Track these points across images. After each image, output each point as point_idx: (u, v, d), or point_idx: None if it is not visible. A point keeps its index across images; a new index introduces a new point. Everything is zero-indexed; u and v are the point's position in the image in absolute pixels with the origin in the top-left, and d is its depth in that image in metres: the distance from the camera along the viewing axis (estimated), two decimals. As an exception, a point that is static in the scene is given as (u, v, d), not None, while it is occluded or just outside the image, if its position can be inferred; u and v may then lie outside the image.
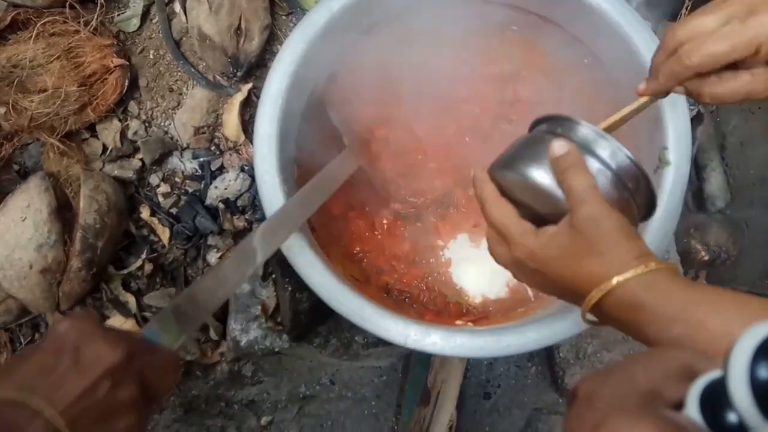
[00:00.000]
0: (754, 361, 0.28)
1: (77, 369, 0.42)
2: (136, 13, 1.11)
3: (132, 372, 0.45)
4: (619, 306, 0.48)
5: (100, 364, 0.43)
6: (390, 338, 0.75)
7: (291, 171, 0.86)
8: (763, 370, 0.28)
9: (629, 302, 0.47)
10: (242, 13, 1.05)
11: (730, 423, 0.30)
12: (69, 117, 1.07)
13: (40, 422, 0.39)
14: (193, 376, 1.16)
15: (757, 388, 0.28)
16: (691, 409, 0.32)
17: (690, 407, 0.32)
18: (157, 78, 1.12)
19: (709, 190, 1.20)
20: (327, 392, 1.21)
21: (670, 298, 0.46)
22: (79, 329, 0.44)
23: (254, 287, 1.07)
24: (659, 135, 0.78)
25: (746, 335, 0.29)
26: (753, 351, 0.28)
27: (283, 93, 0.84)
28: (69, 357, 0.43)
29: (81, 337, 0.44)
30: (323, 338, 1.07)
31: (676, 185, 0.76)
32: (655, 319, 0.46)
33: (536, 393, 1.21)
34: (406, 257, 0.95)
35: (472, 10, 0.97)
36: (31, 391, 0.40)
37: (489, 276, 0.95)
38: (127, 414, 0.44)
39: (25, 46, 1.06)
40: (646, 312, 0.46)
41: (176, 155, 1.12)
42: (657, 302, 0.46)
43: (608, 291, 0.48)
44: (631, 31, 0.83)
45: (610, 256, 0.49)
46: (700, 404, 0.31)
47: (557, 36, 0.95)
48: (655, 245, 0.74)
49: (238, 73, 1.08)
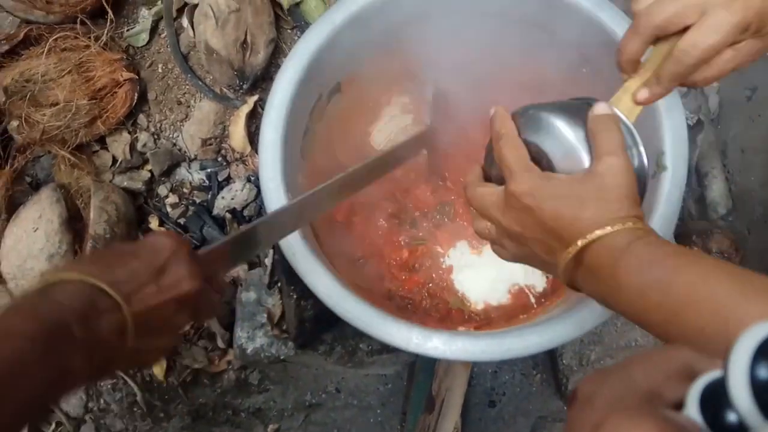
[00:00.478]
0: (754, 361, 0.28)
1: (158, 285, 0.48)
2: (145, 28, 1.14)
3: (195, 302, 0.51)
4: (602, 254, 0.49)
5: (177, 289, 0.49)
6: (393, 342, 0.76)
7: (295, 178, 0.87)
8: (764, 370, 0.28)
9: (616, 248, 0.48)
10: (248, 28, 1.08)
11: (730, 423, 0.29)
12: (80, 130, 1.10)
13: (116, 315, 0.45)
14: (201, 384, 1.17)
15: (757, 388, 0.28)
16: (691, 409, 0.32)
17: (690, 407, 0.32)
18: (166, 91, 1.15)
19: (711, 197, 1.20)
20: (333, 400, 1.22)
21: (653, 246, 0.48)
22: (174, 250, 0.50)
23: (260, 295, 1.08)
24: (656, 140, 0.79)
25: (746, 335, 0.29)
26: (753, 351, 0.28)
27: (288, 102, 0.86)
28: (156, 271, 0.48)
29: (172, 258, 0.49)
30: (328, 346, 1.08)
31: (674, 189, 0.77)
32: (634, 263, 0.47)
33: (541, 401, 1.21)
34: (405, 264, 0.96)
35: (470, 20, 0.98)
36: (119, 288, 0.45)
37: (490, 282, 0.96)
38: (172, 335, 0.52)
39: (38, 61, 1.09)
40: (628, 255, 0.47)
41: (184, 166, 1.14)
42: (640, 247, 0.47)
43: (598, 238, 0.49)
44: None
45: (614, 205, 0.49)
46: (700, 404, 0.31)
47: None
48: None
49: (244, 86, 1.10)
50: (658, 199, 0.77)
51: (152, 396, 1.14)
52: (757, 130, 1.15)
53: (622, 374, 0.37)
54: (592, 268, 0.50)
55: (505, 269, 0.99)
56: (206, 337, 1.15)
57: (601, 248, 0.49)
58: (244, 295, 1.09)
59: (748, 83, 1.18)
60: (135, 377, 1.13)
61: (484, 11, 0.96)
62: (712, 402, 0.31)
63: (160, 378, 1.13)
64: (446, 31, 0.98)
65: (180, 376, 1.14)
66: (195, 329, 1.14)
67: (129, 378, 1.12)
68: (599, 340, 1.08)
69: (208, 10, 1.06)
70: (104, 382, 1.12)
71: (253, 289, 1.09)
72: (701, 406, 0.31)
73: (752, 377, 0.28)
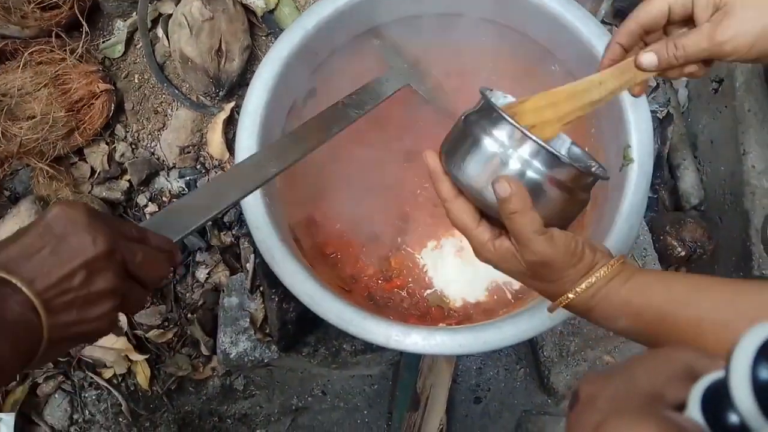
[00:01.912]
0: (755, 362, 0.28)
1: (58, 256, 0.45)
2: (120, 40, 1.15)
3: (112, 264, 0.47)
4: (576, 310, 0.58)
5: (78, 255, 0.45)
6: (373, 340, 0.77)
7: (273, 182, 0.88)
8: (765, 371, 0.28)
9: (583, 308, 0.57)
10: (222, 35, 1.08)
11: (731, 424, 0.29)
12: (57, 142, 1.10)
13: (19, 298, 0.42)
14: (186, 391, 1.18)
15: (758, 389, 0.28)
16: (692, 410, 0.32)
17: (692, 408, 0.32)
18: (143, 101, 1.16)
19: (683, 188, 1.23)
20: (319, 403, 1.23)
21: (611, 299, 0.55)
22: (68, 217, 0.46)
23: (242, 300, 1.09)
24: (622, 134, 0.82)
25: (748, 336, 0.29)
26: (755, 352, 0.28)
27: (262, 108, 0.87)
28: (53, 243, 0.45)
29: (68, 225, 0.46)
30: (312, 348, 1.09)
31: (640, 180, 0.79)
32: (603, 317, 0.56)
33: (525, 395, 1.23)
34: (375, 275, 0.98)
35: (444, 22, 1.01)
36: (15, 271, 0.43)
37: (468, 280, 0.98)
38: (102, 302, 0.47)
39: (14, 75, 1.09)
40: (595, 313, 0.56)
41: (163, 175, 1.15)
42: (601, 305, 0.56)
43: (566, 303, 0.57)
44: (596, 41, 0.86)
45: (561, 281, 0.56)
46: (702, 405, 0.31)
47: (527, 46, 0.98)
48: (621, 238, 0.77)
49: (220, 93, 1.11)
50: (627, 190, 0.79)
51: (137, 405, 1.14)
52: (724, 121, 1.18)
53: (623, 375, 0.38)
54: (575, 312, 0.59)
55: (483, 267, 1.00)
56: (190, 344, 1.16)
57: (570, 306, 0.57)
58: (226, 300, 1.09)
59: (713, 76, 1.21)
60: (119, 387, 1.14)
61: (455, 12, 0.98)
62: (713, 403, 0.31)
63: (145, 387, 1.14)
64: (418, 32, 1.00)
65: (164, 384, 1.15)
66: (178, 337, 1.15)
67: (113, 388, 1.13)
68: (578, 332, 1.09)
69: (182, 19, 1.07)
70: (88, 393, 1.13)
71: (235, 294, 1.09)
72: (703, 407, 0.31)
73: (754, 378, 0.28)
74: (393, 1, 0.97)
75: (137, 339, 1.13)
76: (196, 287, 1.16)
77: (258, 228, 0.82)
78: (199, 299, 1.15)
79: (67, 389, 1.13)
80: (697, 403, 0.32)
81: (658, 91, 1.25)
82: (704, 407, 0.31)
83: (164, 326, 1.14)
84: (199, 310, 1.14)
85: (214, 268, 1.15)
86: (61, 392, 1.12)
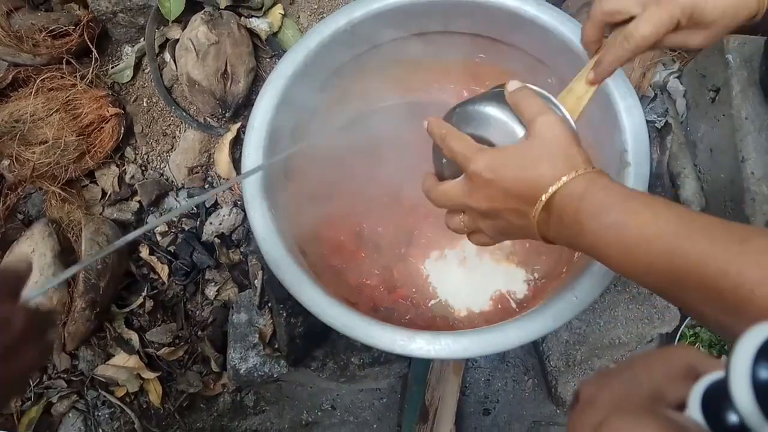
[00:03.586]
0: (755, 362, 0.28)
1: None
2: (129, 65, 1.19)
3: None
4: (565, 202, 0.53)
5: None
6: (378, 345, 0.78)
7: (279, 197, 0.90)
8: (765, 372, 0.28)
9: (575, 195, 0.52)
10: (227, 58, 1.12)
11: (731, 424, 0.30)
12: (69, 165, 1.14)
13: None
14: (197, 408, 1.19)
15: (758, 389, 0.28)
16: (693, 409, 0.32)
17: (692, 408, 0.32)
18: (151, 124, 1.19)
19: (684, 196, 1.24)
20: (329, 418, 1.23)
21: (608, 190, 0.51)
22: None
23: (251, 316, 1.11)
24: (618, 139, 0.84)
25: (748, 336, 0.29)
26: (755, 352, 0.28)
27: (267, 124, 0.90)
28: None
29: None
30: (320, 362, 1.10)
31: (637, 183, 0.81)
32: (592, 207, 0.51)
33: (534, 406, 1.23)
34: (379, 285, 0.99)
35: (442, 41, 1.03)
36: None
37: (472, 289, 0.99)
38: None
39: (26, 102, 1.12)
40: (586, 200, 0.51)
41: (172, 195, 1.18)
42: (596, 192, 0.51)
43: (558, 189, 0.53)
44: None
45: (561, 156, 0.53)
46: (702, 405, 0.32)
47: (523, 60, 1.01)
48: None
49: (226, 114, 1.14)
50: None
51: (150, 423, 1.15)
52: (722, 129, 1.19)
53: (624, 375, 0.38)
54: (559, 217, 0.53)
55: (487, 276, 1.02)
56: (200, 361, 1.17)
57: (562, 198, 0.53)
58: (235, 317, 1.11)
59: (710, 85, 1.23)
60: (132, 405, 1.15)
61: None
62: (713, 403, 0.31)
63: (157, 404, 1.15)
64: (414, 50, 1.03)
65: (176, 401, 1.16)
66: (189, 354, 1.17)
67: (126, 406, 1.14)
68: (584, 340, 1.10)
69: (188, 43, 1.11)
70: (101, 412, 1.14)
71: (243, 311, 1.11)
72: (703, 407, 0.32)
73: (754, 378, 0.28)
74: (392, 21, 1.00)
75: (149, 357, 1.15)
76: (205, 305, 1.17)
77: (264, 240, 0.84)
78: (208, 316, 1.17)
79: (80, 408, 1.14)
80: (698, 402, 0.32)
81: (656, 102, 1.27)
82: (704, 407, 0.32)
83: (175, 344, 1.16)
84: (209, 328, 1.16)
85: (223, 286, 1.17)
86: (75, 411, 1.14)
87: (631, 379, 0.37)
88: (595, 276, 0.78)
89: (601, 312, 1.10)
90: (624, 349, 1.11)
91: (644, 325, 1.09)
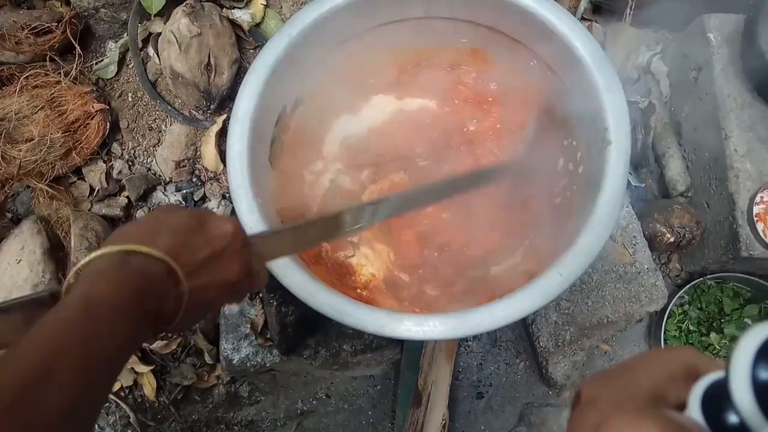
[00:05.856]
0: (755, 362, 0.28)
1: (213, 270, 0.49)
2: (113, 60, 1.19)
3: (243, 253, 0.51)
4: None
5: (227, 276, 0.50)
6: (367, 329, 0.79)
7: (264, 185, 0.91)
8: (765, 372, 0.28)
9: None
10: (210, 50, 1.12)
11: (731, 424, 0.30)
12: (56, 162, 1.14)
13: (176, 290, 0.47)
14: (192, 400, 1.19)
15: (758, 389, 0.28)
16: (693, 409, 0.32)
17: (692, 408, 0.32)
18: (137, 119, 1.19)
19: (669, 175, 1.25)
20: (324, 406, 1.24)
21: None
22: (232, 240, 0.51)
23: (242, 307, 1.11)
24: (600, 118, 0.84)
25: (748, 336, 0.29)
26: (755, 353, 0.28)
27: (251, 113, 0.90)
28: (214, 255, 0.49)
29: (229, 246, 0.50)
30: (312, 350, 1.10)
31: (619, 160, 0.81)
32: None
33: (526, 387, 1.24)
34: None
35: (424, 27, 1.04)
36: (183, 266, 0.47)
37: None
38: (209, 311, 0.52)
39: (11, 100, 1.12)
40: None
41: (160, 189, 1.18)
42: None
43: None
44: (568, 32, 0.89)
45: None
46: (702, 405, 0.32)
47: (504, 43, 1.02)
48: (605, 215, 0.79)
49: (211, 107, 1.14)
50: (607, 170, 0.82)
51: (145, 416, 1.16)
52: (706, 108, 1.20)
53: (624, 375, 0.38)
54: None
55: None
56: (194, 353, 1.18)
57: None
58: (227, 308, 1.11)
59: (693, 65, 1.24)
60: (127, 399, 1.15)
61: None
62: (713, 403, 0.31)
63: (152, 398, 1.15)
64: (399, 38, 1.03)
65: (171, 394, 1.17)
66: (182, 347, 1.17)
67: (121, 400, 1.14)
68: (572, 321, 1.11)
69: (171, 36, 1.11)
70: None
71: (235, 301, 1.12)
72: (703, 407, 0.32)
73: (754, 378, 0.28)
74: (374, 8, 1.00)
75: (142, 351, 1.15)
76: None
77: (251, 228, 0.84)
78: (200, 309, 1.17)
79: (74, 404, 1.14)
80: (698, 402, 0.32)
81: (640, 82, 1.28)
82: (704, 407, 0.32)
83: (168, 337, 1.16)
84: (202, 320, 1.16)
85: (214, 278, 1.17)
86: (69, 407, 1.14)
87: (632, 380, 0.37)
88: (580, 254, 0.79)
89: (588, 292, 1.11)
90: (613, 328, 1.12)
91: (632, 303, 1.10)
